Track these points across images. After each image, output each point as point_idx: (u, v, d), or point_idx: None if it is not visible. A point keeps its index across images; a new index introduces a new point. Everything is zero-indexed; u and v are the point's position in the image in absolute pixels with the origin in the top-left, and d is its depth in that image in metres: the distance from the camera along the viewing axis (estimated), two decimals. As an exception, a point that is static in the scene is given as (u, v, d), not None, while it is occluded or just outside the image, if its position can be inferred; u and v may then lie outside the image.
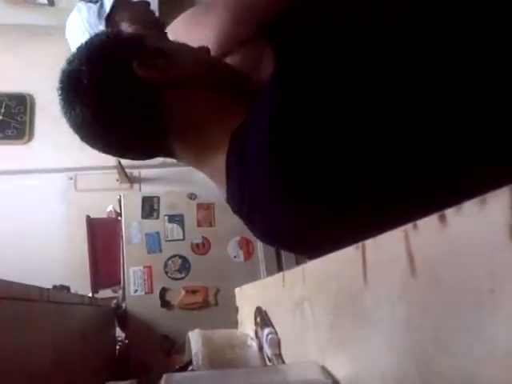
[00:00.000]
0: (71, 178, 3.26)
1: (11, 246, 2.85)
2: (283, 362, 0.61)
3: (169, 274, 2.26)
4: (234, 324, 1.12)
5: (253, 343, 0.82)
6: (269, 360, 0.68)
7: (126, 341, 2.18)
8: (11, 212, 3.04)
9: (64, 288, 2.11)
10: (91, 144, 0.75)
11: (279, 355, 0.63)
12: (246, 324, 0.94)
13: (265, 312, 0.72)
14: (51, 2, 3.32)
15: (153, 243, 2.29)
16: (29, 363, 0.68)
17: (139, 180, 3.33)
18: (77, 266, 2.62)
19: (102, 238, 2.41)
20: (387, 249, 0.30)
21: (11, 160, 3.26)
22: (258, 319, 0.75)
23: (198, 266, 2.28)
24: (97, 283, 2.29)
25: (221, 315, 1.93)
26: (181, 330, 1.55)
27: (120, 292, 2.32)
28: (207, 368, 0.78)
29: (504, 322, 0.20)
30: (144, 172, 3.33)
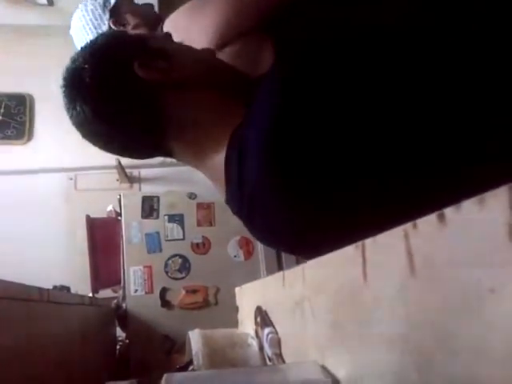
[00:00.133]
0: (71, 178, 3.26)
1: (11, 247, 2.84)
2: (283, 362, 0.61)
3: (169, 274, 2.26)
4: (235, 323, 1.12)
5: (253, 343, 0.82)
6: (269, 359, 0.68)
7: (127, 341, 2.18)
8: (11, 212, 3.04)
9: (64, 288, 2.11)
10: (92, 142, 0.76)
11: (279, 355, 0.63)
12: (247, 323, 0.94)
13: (265, 311, 0.73)
14: (50, 2, 3.31)
15: (153, 243, 2.29)
16: (29, 363, 0.68)
17: (139, 180, 3.33)
18: (77, 266, 2.62)
19: (102, 238, 2.40)
20: (387, 248, 0.30)
21: (11, 160, 3.26)
22: (259, 319, 0.75)
23: (198, 266, 2.28)
24: (97, 283, 2.29)
25: (221, 315, 1.93)
26: (181, 330, 1.55)
27: (120, 292, 2.32)
28: (207, 368, 0.78)
29: (504, 321, 0.20)
30: (144, 172, 3.33)
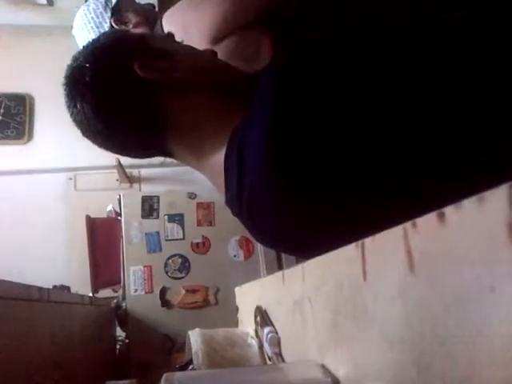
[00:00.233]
0: (71, 178, 3.27)
1: (11, 247, 2.85)
2: (283, 361, 0.61)
3: (169, 274, 2.26)
4: (234, 323, 1.12)
5: (253, 342, 0.82)
6: (269, 359, 0.68)
7: (127, 340, 2.18)
8: (11, 212, 3.04)
9: (64, 288, 2.11)
10: (92, 140, 0.76)
11: (279, 354, 0.63)
12: (246, 323, 0.94)
13: (265, 311, 0.72)
14: (50, 2, 3.31)
15: (153, 243, 2.29)
16: (29, 363, 0.68)
17: (139, 179, 3.33)
18: (77, 266, 2.63)
19: (102, 238, 2.41)
20: (386, 247, 0.30)
21: (11, 160, 3.26)
22: (258, 318, 0.74)
23: (198, 266, 2.28)
24: (97, 283, 2.29)
25: (221, 314, 1.93)
26: (181, 330, 1.55)
27: (120, 291, 2.32)
28: (207, 367, 0.78)
29: (504, 320, 0.20)
30: (144, 171, 3.33)
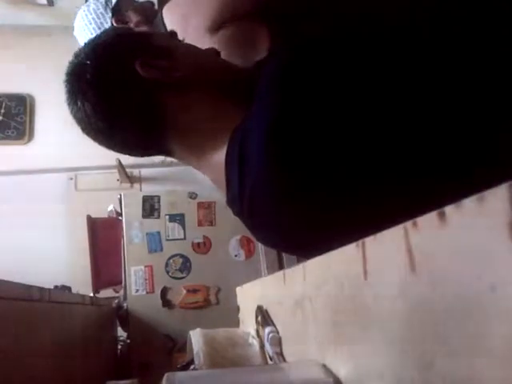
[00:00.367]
0: (71, 178, 3.27)
1: (12, 247, 2.85)
2: (284, 361, 0.61)
3: (170, 274, 2.26)
4: (236, 323, 1.12)
5: (254, 342, 0.82)
6: (270, 358, 0.68)
7: (128, 340, 2.18)
8: (11, 212, 3.04)
9: (65, 288, 2.12)
10: (92, 138, 0.76)
11: (280, 354, 0.63)
12: (248, 323, 0.94)
13: (266, 311, 0.72)
14: (50, 2, 3.32)
15: (154, 242, 2.29)
16: (30, 363, 0.68)
17: (140, 179, 3.33)
18: (78, 266, 2.63)
19: (103, 238, 2.41)
20: (387, 246, 0.30)
21: (11, 160, 3.26)
22: (259, 318, 0.75)
23: (199, 265, 2.28)
24: (98, 283, 2.30)
25: (222, 314, 1.93)
26: (182, 330, 1.55)
27: (121, 292, 2.32)
28: (209, 367, 0.78)
29: (505, 320, 0.20)
30: (144, 171, 3.33)
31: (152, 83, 0.69)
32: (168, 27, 0.97)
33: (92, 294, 2.18)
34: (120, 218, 2.36)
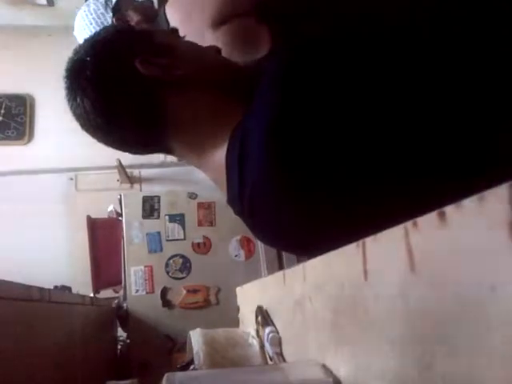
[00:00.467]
0: (71, 179, 3.27)
1: (12, 247, 2.85)
2: (284, 361, 0.61)
3: (170, 274, 2.26)
4: (236, 323, 1.12)
5: (254, 342, 0.82)
6: (270, 359, 0.68)
7: (128, 340, 2.18)
8: (12, 213, 3.04)
9: (65, 288, 2.12)
10: (91, 134, 0.75)
11: (280, 354, 0.63)
12: (247, 323, 0.94)
13: (266, 311, 0.72)
14: (50, 3, 3.32)
15: (154, 243, 2.29)
16: (30, 363, 0.68)
17: (140, 180, 3.33)
18: (78, 267, 2.63)
19: (103, 238, 2.41)
20: (387, 246, 0.30)
21: (11, 161, 3.26)
22: (259, 318, 0.74)
23: (199, 266, 2.28)
24: (98, 283, 2.30)
25: (222, 314, 1.93)
26: (182, 330, 1.55)
27: (121, 292, 2.32)
28: (208, 367, 0.78)
29: (505, 320, 0.20)
30: (144, 172, 3.33)
31: (152, 81, 0.69)
32: (171, 24, 0.96)
33: (92, 294, 2.18)
34: (120, 219, 2.36)
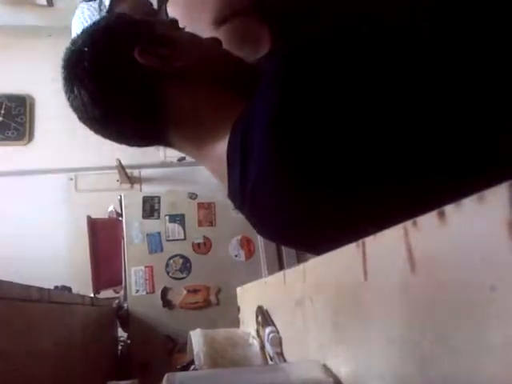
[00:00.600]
0: (71, 179, 3.27)
1: (12, 247, 2.85)
2: (285, 361, 0.61)
3: (170, 274, 2.26)
4: (236, 323, 1.12)
5: (254, 342, 0.82)
6: (270, 359, 0.68)
7: (128, 341, 2.18)
8: (12, 213, 3.04)
9: (65, 289, 2.12)
10: (89, 126, 0.74)
11: (281, 354, 0.62)
12: (248, 323, 0.94)
13: (266, 311, 0.72)
14: (50, 3, 3.32)
15: (154, 243, 2.30)
16: (30, 364, 0.68)
17: (140, 180, 3.33)
18: (78, 267, 2.63)
19: (103, 239, 2.41)
20: (387, 246, 0.30)
21: (11, 161, 3.26)
22: (260, 318, 0.74)
23: (200, 266, 2.28)
24: (98, 283, 2.30)
25: (222, 314, 1.94)
26: (182, 330, 1.55)
27: (122, 292, 2.32)
28: (209, 367, 0.78)
29: (505, 319, 0.20)
30: (144, 172, 3.33)
31: (151, 72, 0.67)
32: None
33: (92, 295, 2.18)
34: (120, 219, 2.36)
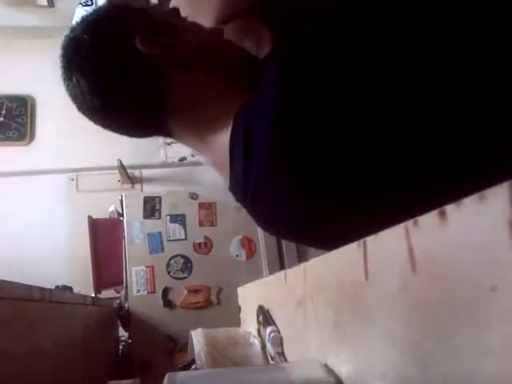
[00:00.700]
0: (72, 179, 3.27)
1: (13, 248, 2.85)
2: (286, 360, 0.61)
3: (171, 274, 2.26)
4: (237, 323, 1.12)
5: (255, 341, 0.82)
6: (271, 358, 0.68)
7: (129, 340, 2.18)
8: (13, 213, 3.04)
9: (66, 288, 2.12)
10: (88, 116, 0.72)
11: (282, 353, 0.63)
12: (249, 323, 0.94)
13: (267, 310, 0.72)
14: (51, 4, 3.32)
15: (155, 243, 2.30)
16: (31, 363, 0.68)
17: (141, 180, 3.33)
18: (79, 267, 2.63)
19: (105, 239, 2.41)
20: (388, 245, 0.30)
21: (12, 161, 3.26)
22: (261, 318, 0.75)
23: (200, 266, 2.28)
24: (99, 283, 2.30)
25: (223, 314, 1.93)
26: (183, 330, 1.55)
27: (123, 292, 2.33)
28: (210, 367, 0.78)
29: (506, 319, 0.20)
30: (145, 172, 3.33)
31: (152, 60, 0.66)
32: None
33: (93, 295, 2.18)
34: (121, 219, 2.37)
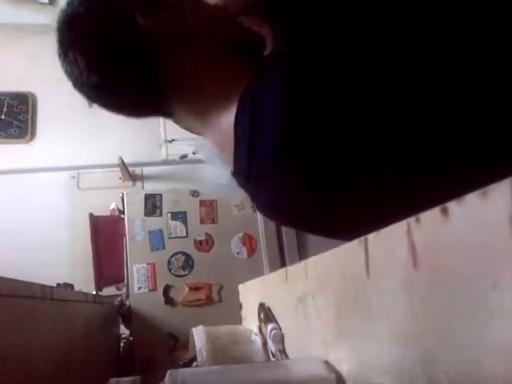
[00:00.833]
0: (74, 177, 3.27)
1: (15, 245, 2.85)
2: (287, 357, 0.61)
3: (172, 271, 2.26)
4: (238, 320, 1.12)
5: (257, 339, 0.82)
6: (273, 355, 0.68)
7: (130, 338, 2.19)
8: (14, 211, 3.05)
9: (68, 286, 2.12)
10: (84, 93, 0.69)
11: (283, 350, 0.63)
12: (250, 320, 0.94)
13: (268, 308, 0.73)
14: (52, 1, 3.31)
15: (156, 240, 2.30)
16: (33, 361, 0.68)
17: (142, 178, 3.33)
18: (80, 264, 2.63)
19: (106, 236, 2.41)
20: (390, 242, 0.30)
21: (14, 159, 3.26)
22: (262, 315, 0.75)
23: (202, 263, 2.28)
24: (100, 281, 2.30)
25: (224, 312, 1.94)
26: (184, 327, 1.56)
27: (124, 289, 2.33)
28: (211, 364, 0.78)
29: (507, 315, 0.20)
30: (146, 170, 3.33)
31: (152, 35, 0.64)
32: None
33: (94, 292, 2.18)
34: (122, 216, 2.37)
